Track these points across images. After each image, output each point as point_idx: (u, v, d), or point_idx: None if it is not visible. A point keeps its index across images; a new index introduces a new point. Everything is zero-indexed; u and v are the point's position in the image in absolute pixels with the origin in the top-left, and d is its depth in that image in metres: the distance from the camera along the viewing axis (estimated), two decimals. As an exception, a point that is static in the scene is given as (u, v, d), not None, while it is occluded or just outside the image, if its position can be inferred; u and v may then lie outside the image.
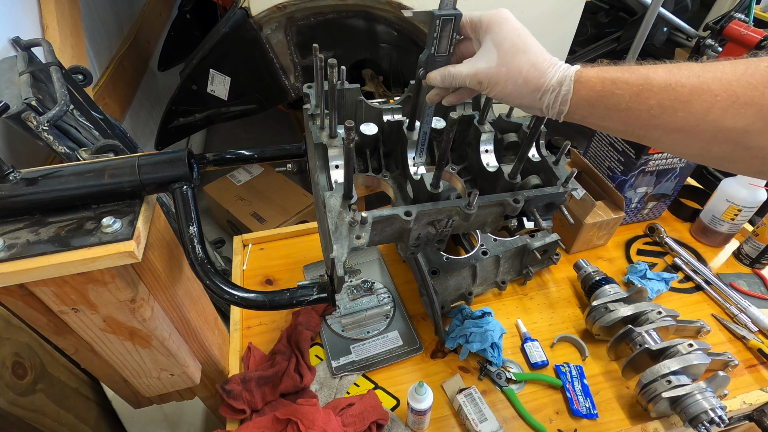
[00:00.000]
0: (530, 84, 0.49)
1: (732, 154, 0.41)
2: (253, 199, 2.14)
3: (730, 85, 0.39)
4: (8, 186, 0.55)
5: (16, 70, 1.01)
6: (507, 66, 0.49)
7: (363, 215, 0.54)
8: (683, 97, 0.41)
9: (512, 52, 0.49)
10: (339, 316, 0.98)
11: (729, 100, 0.39)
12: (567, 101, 0.47)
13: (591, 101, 0.46)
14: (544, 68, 0.48)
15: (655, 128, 0.44)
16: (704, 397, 0.73)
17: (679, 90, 0.41)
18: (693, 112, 0.40)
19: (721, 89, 0.39)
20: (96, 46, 1.74)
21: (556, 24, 1.72)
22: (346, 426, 0.76)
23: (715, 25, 1.89)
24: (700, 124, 0.41)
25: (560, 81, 0.47)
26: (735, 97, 0.38)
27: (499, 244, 0.98)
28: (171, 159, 0.61)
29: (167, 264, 0.69)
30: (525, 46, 0.49)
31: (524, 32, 0.50)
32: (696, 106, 0.40)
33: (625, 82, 0.44)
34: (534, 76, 0.48)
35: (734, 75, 0.39)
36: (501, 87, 0.50)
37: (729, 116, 0.39)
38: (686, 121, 0.41)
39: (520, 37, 0.49)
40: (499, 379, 0.86)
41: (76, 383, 1.12)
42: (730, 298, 1.01)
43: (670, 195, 1.19)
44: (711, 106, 0.40)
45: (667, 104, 0.42)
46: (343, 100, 0.72)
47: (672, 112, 0.41)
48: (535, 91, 0.49)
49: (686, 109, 0.41)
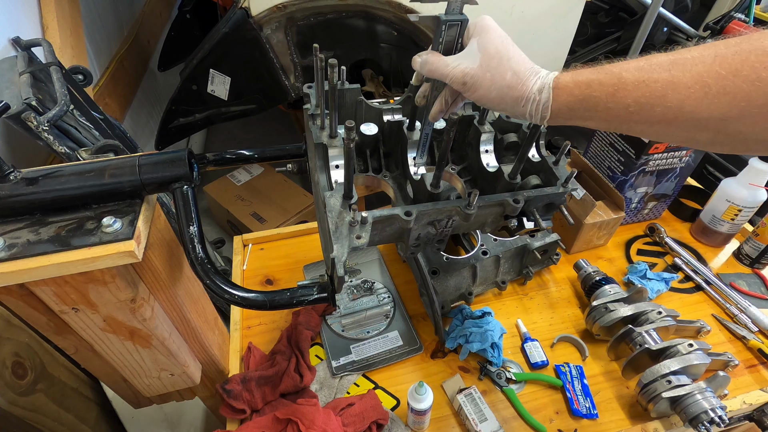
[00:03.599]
0: (513, 92, 0.49)
1: (715, 139, 0.42)
2: (253, 199, 2.14)
3: (701, 76, 0.39)
4: (8, 186, 0.55)
5: (16, 70, 1.01)
6: (491, 71, 0.49)
7: (363, 215, 0.54)
8: (657, 92, 0.41)
9: (497, 57, 0.49)
10: (339, 316, 0.98)
11: (702, 92, 0.39)
12: (548, 108, 0.48)
13: (570, 106, 0.47)
14: (525, 77, 0.49)
15: (636, 123, 0.44)
16: (704, 397, 0.73)
17: (652, 86, 0.42)
18: (669, 106, 0.41)
19: (693, 81, 0.40)
20: (96, 46, 1.74)
21: (556, 24, 1.72)
22: (346, 426, 0.76)
23: (715, 25, 1.89)
24: (678, 116, 0.41)
25: (540, 89, 0.48)
26: (707, 88, 0.39)
27: (499, 244, 0.98)
28: (171, 159, 0.61)
29: (167, 264, 0.69)
30: (508, 54, 0.50)
31: (508, 40, 0.51)
32: (671, 100, 0.41)
33: (599, 84, 0.45)
34: (516, 85, 0.49)
35: (703, 66, 0.39)
36: (484, 91, 0.51)
37: (704, 107, 0.40)
38: (664, 114, 0.42)
39: (504, 44, 0.50)
40: (499, 379, 0.86)
41: (76, 383, 1.12)
42: (730, 298, 1.01)
43: (670, 195, 1.19)
44: (685, 98, 0.40)
45: (643, 101, 0.42)
46: (343, 100, 0.72)
47: (649, 107, 0.42)
48: (519, 98, 0.50)
49: (662, 104, 0.41)
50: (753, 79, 0.37)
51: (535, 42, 1.72)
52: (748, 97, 0.37)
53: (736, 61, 0.38)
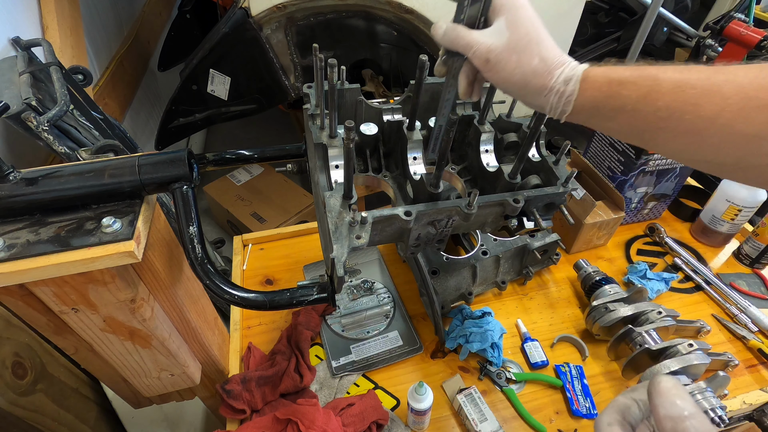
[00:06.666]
0: (538, 79, 0.46)
1: (741, 162, 0.40)
2: (253, 199, 2.14)
3: (742, 87, 0.37)
4: (8, 186, 0.55)
5: (16, 70, 1.01)
6: (518, 54, 0.46)
7: (363, 215, 0.54)
8: (693, 99, 0.39)
9: (526, 39, 0.46)
10: (339, 316, 0.98)
11: (740, 104, 0.37)
12: (571, 102, 0.45)
13: (596, 102, 0.44)
14: (554, 65, 0.46)
15: (662, 131, 0.42)
16: (704, 397, 0.73)
17: (688, 92, 0.39)
18: (702, 116, 0.39)
19: (733, 92, 0.37)
20: (96, 46, 1.74)
21: (556, 24, 1.71)
22: (346, 426, 0.76)
23: (715, 25, 1.89)
24: (708, 128, 0.39)
25: (566, 80, 0.45)
26: (747, 100, 0.37)
27: (499, 244, 0.98)
28: (171, 159, 0.61)
29: (167, 264, 0.69)
30: (539, 37, 0.46)
31: (539, 22, 0.47)
32: (706, 109, 0.38)
33: (633, 83, 0.42)
34: (543, 72, 0.46)
35: (746, 78, 0.37)
36: (507, 74, 0.47)
37: (740, 120, 0.37)
38: (694, 124, 0.39)
39: (535, 26, 0.46)
40: (499, 379, 0.86)
41: (76, 383, 1.12)
42: (730, 298, 1.01)
43: (670, 195, 1.19)
44: (721, 110, 0.38)
45: (675, 106, 0.40)
46: (343, 100, 0.72)
47: (680, 114, 0.40)
48: (542, 87, 0.46)
49: (695, 112, 0.39)
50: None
51: (535, 42, 1.72)
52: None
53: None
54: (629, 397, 0.39)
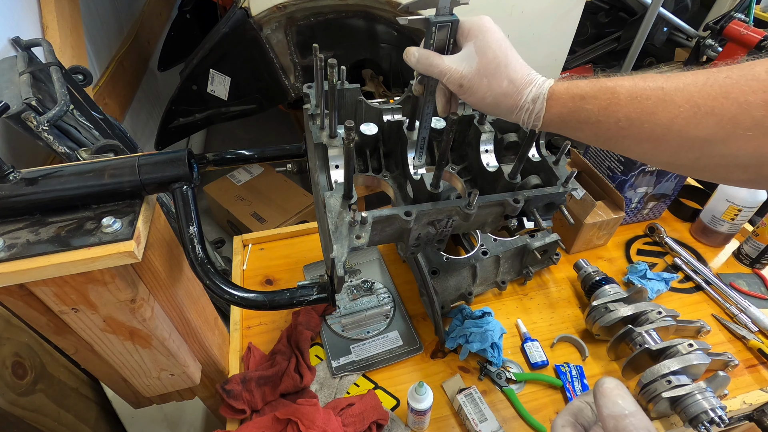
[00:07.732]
0: (508, 100, 0.49)
1: (697, 163, 0.43)
2: (253, 199, 2.14)
3: (692, 96, 0.40)
4: (8, 186, 0.55)
5: (16, 70, 1.01)
6: (488, 78, 0.49)
7: (363, 215, 0.54)
8: (649, 109, 0.42)
9: (494, 63, 0.49)
10: (339, 316, 0.98)
11: (691, 111, 0.40)
12: (540, 117, 0.49)
13: (563, 116, 0.48)
14: (521, 85, 0.49)
15: (625, 138, 0.45)
16: (704, 397, 0.73)
17: (644, 102, 0.42)
18: (659, 123, 0.42)
19: (684, 100, 0.40)
20: (96, 46, 1.74)
21: (556, 24, 1.72)
22: (346, 426, 0.76)
23: (715, 25, 1.89)
24: (666, 134, 0.42)
25: (534, 99, 0.48)
26: (696, 108, 0.40)
27: (499, 244, 0.98)
28: (171, 159, 0.61)
29: (167, 264, 0.69)
30: (506, 59, 0.49)
31: (506, 44, 0.50)
32: (661, 117, 0.41)
33: (593, 97, 0.45)
34: (512, 93, 0.49)
35: (695, 86, 0.40)
36: (480, 96, 0.50)
37: (692, 126, 0.40)
38: (653, 131, 0.42)
39: (502, 48, 0.50)
40: (499, 379, 0.86)
41: (76, 383, 1.12)
42: (730, 298, 1.01)
43: (670, 195, 1.19)
44: (675, 117, 0.41)
45: (633, 116, 0.43)
46: (343, 100, 0.72)
47: (639, 123, 0.43)
48: (513, 107, 0.50)
49: (652, 121, 0.42)
50: (741, 102, 0.37)
51: (535, 42, 1.72)
52: (734, 119, 0.38)
53: (727, 84, 0.39)
54: (582, 400, 0.42)
